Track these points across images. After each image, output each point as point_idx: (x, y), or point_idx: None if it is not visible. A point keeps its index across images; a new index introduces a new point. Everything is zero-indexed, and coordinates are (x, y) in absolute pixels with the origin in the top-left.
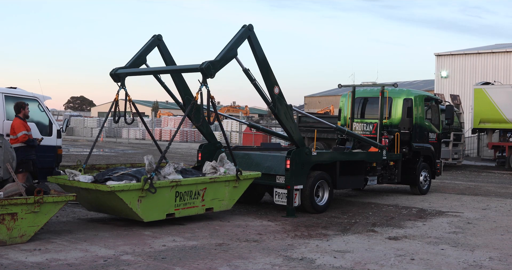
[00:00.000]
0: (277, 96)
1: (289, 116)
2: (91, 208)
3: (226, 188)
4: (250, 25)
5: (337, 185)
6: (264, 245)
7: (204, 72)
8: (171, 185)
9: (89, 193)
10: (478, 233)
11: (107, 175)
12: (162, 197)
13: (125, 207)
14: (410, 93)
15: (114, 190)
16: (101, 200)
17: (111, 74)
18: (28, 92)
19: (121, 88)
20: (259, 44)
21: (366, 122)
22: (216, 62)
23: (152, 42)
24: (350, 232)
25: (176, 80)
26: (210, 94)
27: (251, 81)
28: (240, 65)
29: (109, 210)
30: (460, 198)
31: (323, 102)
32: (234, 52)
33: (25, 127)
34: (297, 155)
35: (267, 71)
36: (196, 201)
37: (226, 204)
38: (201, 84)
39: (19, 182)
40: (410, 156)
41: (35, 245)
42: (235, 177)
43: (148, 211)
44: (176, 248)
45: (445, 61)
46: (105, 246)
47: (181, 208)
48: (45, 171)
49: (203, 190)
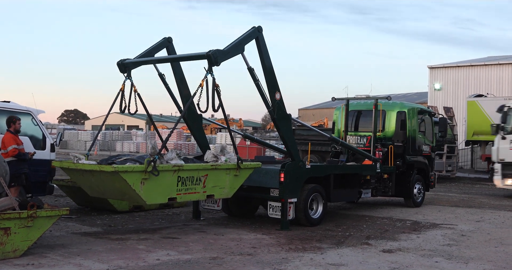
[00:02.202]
0: (277, 101)
1: (287, 123)
2: (93, 193)
3: (227, 176)
4: (260, 27)
5: (331, 198)
6: (258, 259)
7: (211, 59)
8: (173, 169)
9: (93, 175)
10: (472, 245)
11: (110, 160)
12: (164, 180)
13: (128, 189)
14: (404, 106)
15: (118, 170)
16: (104, 183)
17: (118, 63)
18: (22, 106)
19: (127, 79)
20: (266, 47)
21: (360, 135)
22: (223, 51)
23: (161, 43)
24: (344, 245)
25: (179, 83)
26: (215, 82)
27: (254, 81)
28: (245, 62)
29: (111, 194)
30: (454, 210)
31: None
32: (242, 47)
33: (16, 141)
34: (291, 168)
35: (271, 75)
36: (198, 187)
37: (227, 192)
38: (206, 71)
39: (12, 196)
40: (404, 168)
41: (28, 260)
42: (236, 165)
43: (150, 193)
44: (170, 262)
45: (438, 73)
46: (98, 260)
47: (182, 193)
48: (38, 185)
49: (205, 177)
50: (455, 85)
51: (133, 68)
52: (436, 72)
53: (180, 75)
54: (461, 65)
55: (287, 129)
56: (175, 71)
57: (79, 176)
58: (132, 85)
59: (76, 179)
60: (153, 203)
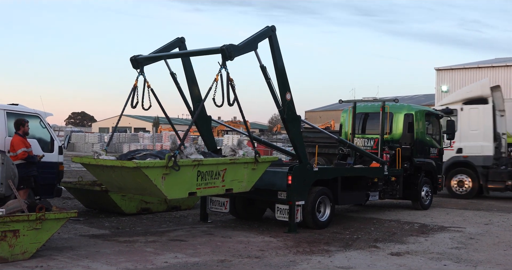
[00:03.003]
0: (288, 102)
1: (296, 125)
2: (113, 188)
3: (245, 170)
4: (273, 26)
5: (339, 201)
6: (266, 262)
7: (225, 53)
8: (193, 164)
9: (114, 171)
10: (480, 248)
11: (130, 156)
12: (184, 175)
13: (149, 184)
14: (411, 108)
15: (139, 166)
16: (125, 178)
17: (131, 59)
18: (30, 109)
19: (140, 75)
20: (279, 46)
21: (367, 137)
22: (237, 46)
23: (174, 43)
24: (352, 248)
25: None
26: (229, 76)
27: (266, 79)
28: (258, 60)
29: (132, 189)
30: (462, 213)
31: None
32: (255, 45)
33: (25, 144)
34: (298, 171)
35: (283, 75)
36: (217, 181)
37: (245, 186)
38: (221, 66)
39: (21, 199)
40: (411, 171)
41: (37, 262)
42: (254, 159)
43: (171, 188)
44: (178, 264)
45: (446, 75)
46: (106, 263)
47: (202, 188)
48: (46, 187)
49: (223, 171)
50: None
51: (146, 64)
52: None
53: (191, 76)
54: (468, 67)
55: (296, 131)
56: (187, 72)
57: (100, 172)
58: (145, 80)
59: (96, 175)
60: (174, 198)
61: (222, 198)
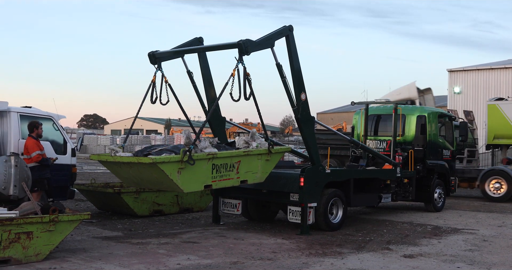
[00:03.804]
0: (302, 102)
1: (310, 126)
2: (130, 184)
3: (259, 161)
4: (291, 26)
5: (351, 203)
6: (278, 264)
7: (241, 47)
8: (208, 157)
9: (131, 167)
10: (494, 250)
11: (145, 151)
12: (200, 169)
13: (165, 178)
14: (424, 110)
15: (156, 161)
16: (142, 174)
17: (149, 54)
18: (43, 111)
19: (158, 70)
20: (296, 46)
21: (379, 139)
22: (253, 41)
23: (192, 42)
24: (365, 250)
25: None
26: (246, 71)
27: (282, 78)
28: (274, 58)
29: (149, 184)
30: (475, 215)
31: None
32: (272, 42)
33: (39, 147)
34: (311, 173)
35: (299, 75)
36: (232, 174)
37: (260, 177)
38: (237, 61)
39: (34, 201)
40: (424, 173)
41: (50, 264)
42: (267, 150)
43: (187, 182)
44: (191, 266)
45: (458, 77)
46: (120, 265)
47: (217, 180)
48: (59, 189)
49: (238, 163)
50: (475, 88)
51: (163, 60)
52: (456, 75)
53: (208, 77)
54: (481, 68)
55: (310, 132)
56: (204, 73)
57: (117, 168)
58: (163, 76)
59: (114, 171)
60: (190, 191)
61: (234, 200)
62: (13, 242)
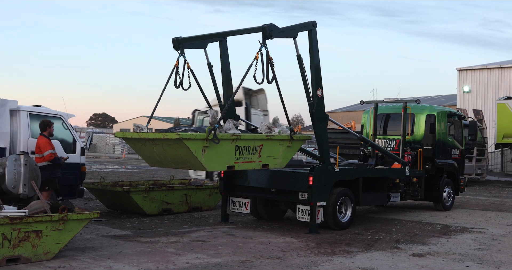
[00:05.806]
0: (318, 98)
1: (323, 125)
2: (153, 163)
3: (281, 147)
4: (314, 22)
5: (360, 202)
6: (287, 262)
7: (265, 30)
8: (232, 138)
9: (156, 144)
10: (503, 249)
11: (170, 131)
12: (223, 149)
13: (190, 156)
14: (433, 109)
15: (182, 137)
16: (166, 151)
17: (173, 39)
18: (52, 110)
19: (180, 56)
20: (317, 42)
21: (388, 138)
22: (277, 27)
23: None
24: (373, 249)
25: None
26: (269, 55)
27: (301, 70)
28: (296, 49)
29: (173, 162)
30: (484, 214)
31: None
32: (295, 33)
33: (51, 146)
34: (320, 172)
35: (318, 70)
36: (254, 157)
37: (280, 162)
38: (261, 45)
39: (43, 200)
40: (433, 172)
41: (59, 262)
42: (289, 137)
43: (211, 161)
44: (200, 265)
45: (467, 76)
46: (129, 263)
47: (240, 162)
48: (69, 188)
49: (260, 147)
50: (484, 87)
51: (186, 47)
52: (465, 74)
53: (227, 73)
54: (490, 67)
55: (322, 131)
56: (223, 69)
57: (141, 146)
58: (185, 61)
59: (137, 149)
60: (213, 170)
61: (243, 199)
62: (22, 241)
